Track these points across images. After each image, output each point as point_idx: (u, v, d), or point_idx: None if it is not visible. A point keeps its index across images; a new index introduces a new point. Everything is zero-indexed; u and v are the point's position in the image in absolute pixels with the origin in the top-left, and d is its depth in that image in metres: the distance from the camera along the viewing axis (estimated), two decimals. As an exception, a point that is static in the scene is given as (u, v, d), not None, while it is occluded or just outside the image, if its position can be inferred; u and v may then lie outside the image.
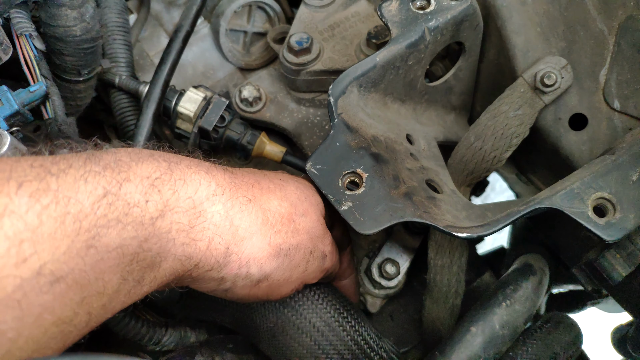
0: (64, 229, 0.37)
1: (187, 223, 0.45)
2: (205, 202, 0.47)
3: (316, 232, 0.55)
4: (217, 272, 0.49)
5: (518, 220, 0.53)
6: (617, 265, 0.59)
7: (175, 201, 0.45)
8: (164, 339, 0.65)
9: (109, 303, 0.41)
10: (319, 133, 0.77)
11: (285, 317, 0.61)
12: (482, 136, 0.65)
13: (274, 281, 0.53)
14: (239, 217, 0.49)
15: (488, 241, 1.36)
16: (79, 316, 0.39)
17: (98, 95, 0.79)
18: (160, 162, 0.46)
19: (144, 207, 0.42)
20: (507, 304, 0.55)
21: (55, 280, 0.36)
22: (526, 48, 0.64)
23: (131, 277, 0.42)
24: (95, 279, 0.39)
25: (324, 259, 0.57)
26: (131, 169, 0.43)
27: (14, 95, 0.58)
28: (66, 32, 0.62)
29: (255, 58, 0.84)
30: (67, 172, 0.39)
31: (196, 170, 0.48)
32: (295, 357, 0.61)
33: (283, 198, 0.54)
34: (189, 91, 0.74)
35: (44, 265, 0.36)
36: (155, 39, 0.86)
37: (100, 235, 0.39)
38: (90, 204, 0.39)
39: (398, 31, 0.61)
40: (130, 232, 0.41)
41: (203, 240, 0.47)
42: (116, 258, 0.40)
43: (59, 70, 0.66)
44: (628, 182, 0.54)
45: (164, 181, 0.44)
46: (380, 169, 0.56)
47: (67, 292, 0.37)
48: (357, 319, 0.63)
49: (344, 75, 0.59)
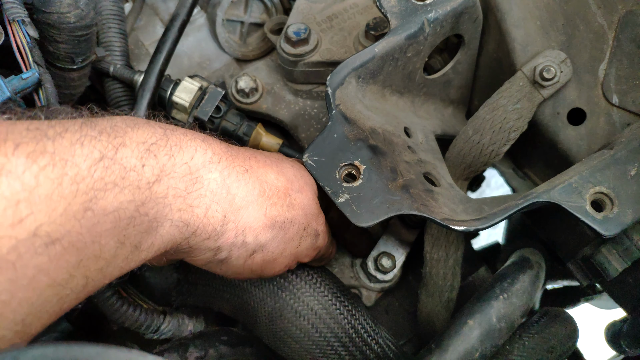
0: (61, 190, 0.37)
1: (183, 189, 0.45)
2: (202, 169, 0.47)
3: (310, 209, 0.55)
4: (214, 240, 0.49)
5: (515, 214, 0.53)
6: (613, 260, 0.59)
7: (171, 166, 0.45)
8: (162, 327, 0.65)
9: (107, 267, 0.41)
10: (316, 125, 0.77)
11: (284, 301, 0.61)
12: (480, 130, 0.65)
13: (269, 253, 0.53)
14: (235, 186, 0.49)
15: (483, 236, 1.36)
16: (76, 279, 0.39)
17: (92, 84, 0.78)
18: (156, 129, 0.46)
19: (140, 171, 0.42)
20: (505, 297, 0.55)
21: (51, 242, 0.36)
22: (526, 42, 0.64)
23: (128, 241, 0.42)
24: (92, 242, 0.39)
25: (317, 237, 0.57)
26: (127, 134, 0.43)
27: (6, 82, 0.57)
28: (60, 19, 0.60)
29: (252, 49, 0.83)
30: (64, 136, 0.39)
31: (192, 138, 0.48)
32: (294, 341, 0.61)
33: (279, 173, 0.54)
34: (185, 81, 0.73)
35: (40, 227, 0.36)
36: (150, 28, 0.85)
37: (98, 198, 0.39)
38: (87, 167, 0.39)
39: (397, 22, 0.60)
40: (127, 195, 0.41)
41: (200, 207, 0.47)
42: (113, 221, 0.40)
43: (52, 58, 0.65)
44: (626, 177, 0.53)
45: (159, 146, 0.44)
46: (377, 161, 0.55)
47: (62, 255, 0.37)
48: (355, 305, 0.63)
49: (342, 65, 0.58)
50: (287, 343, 0.62)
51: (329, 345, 0.60)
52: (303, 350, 0.61)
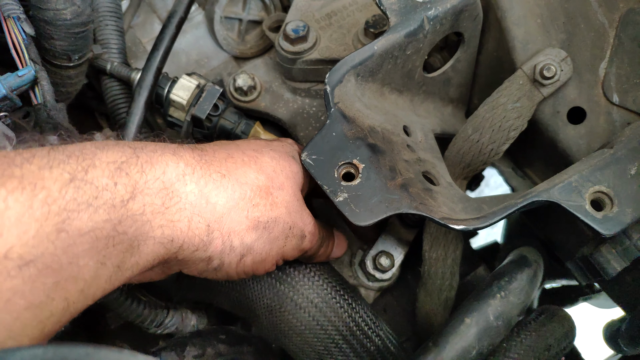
0: (31, 212, 0.37)
1: (160, 204, 0.45)
2: (176, 182, 0.47)
3: (293, 206, 0.55)
4: (204, 251, 0.49)
5: (514, 213, 0.53)
6: (613, 259, 0.59)
7: (144, 183, 0.44)
8: (166, 321, 0.65)
9: (88, 289, 0.41)
10: (314, 124, 0.76)
11: (283, 294, 0.61)
12: (480, 128, 0.65)
13: (257, 254, 0.53)
14: (214, 194, 0.49)
15: (482, 236, 1.36)
16: (55, 301, 0.38)
17: (89, 82, 0.77)
18: (125, 148, 0.45)
19: (113, 189, 0.42)
20: (502, 295, 0.55)
21: (24, 264, 0.36)
22: (526, 40, 0.64)
23: (109, 262, 0.42)
24: (69, 264, 0.39)
25: (303, 239, 0.57)
26: (96, 156, 0.43)
27: (2, 80, 0.57)
28: (56, 16, 0.60)
29: (251, 46, 0.83)
30: (32, 162, 0.39)
31: (162, 153, 0.48)
32: (295, 333, 0.61)
33: (259, 171, 0.53)
34: (182, 78, 0.72)
35: (11, 249, 0.36)
36: (148, 26, 0.84)
37: (71, 219, 0.39)
38: (58, 189, 0.39)
39: (397, 20, 0.60)
40: (102, 215, 0.41)
41: (182, 221, 0.46)
42: (89, 242, 0.40)
43: (49, 55, 0.64)
44: (626, 176, 0.53)
45: (130, 164, 0.44)
46: (376, 159, 0.55)
47: (37, 276, 0.37)
48: (355, 298, 0.63)
49: (341, 63, 0.58)
50: (289, 336, 0.62)
51: (330, 337, 0.60)
52: (305, 343, 0.61)
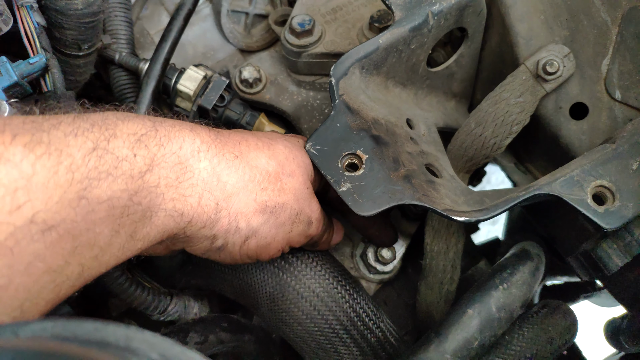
0: (57, 179, 0.38)
1: (174, 178, 0.46)
2: (191, 158, 0.48)
3: (302, 194, 0.55)
4: (210, 229, 0.50)
5: (515, 207, 0.53)
6: (614, 255, 0.59)
7: (161, 156, 0.46)
8: (169, 308, 0.66)
9: (102, 255, 0.42)
10: (318, 117, 0.77)
11: (285, 282, 0.61)
12: (483, 122, 0.65)
13: (262, 238, 0.54)
14: (226, 174, 0.50)
15: (483, 232, 1.36)
16: (71, 266, 0.40)
17: (97, 72, 0.78)
18: (145, 121, 0.47)
19: (132, 160, 0.43)
20: (504, 287, 0.55)
21: (47, 228, 0.37)
22: (529, 36, 0.64)
23: (123, 230, 0.43)
24: (87, 230, 0.40)
25: (310, 225, 0.57)
26: (118, 126, 0.44)
27: (14, 67, 0.57)
28: (67, 5, 0.61)
29: (256, 40, 0.84)
30: (58, 128, 0.40)
31: (180, 128, 0.49)
32: (295, 322, 0.62)
33: (271, 156, 0.54)
34: (189, 69, 0.73)
35: (37, 214, 0.37)
36: (156, 18, 0.85)
37: (92, 187, 0.40)
38: (81, 157, 0.40)
39: (401, 14, 0.60)
40: (121, 184, 0.42)
41: (193, 196, 0.48)
42: (106, 210, 0.41)
43: (60, 44, 0.65)
44: (628, 171, 0.54)
45: (150, 137, 0.45)
46: (380, 151, 0.55)
47: (58, 241, 0.38)
48: (357, 289, 0.63)
49: (346, 56, 0.58)
50: (289, 324, 0.62)
51: (331, 327, 0.61)
52: (305, 332, 0.62)
